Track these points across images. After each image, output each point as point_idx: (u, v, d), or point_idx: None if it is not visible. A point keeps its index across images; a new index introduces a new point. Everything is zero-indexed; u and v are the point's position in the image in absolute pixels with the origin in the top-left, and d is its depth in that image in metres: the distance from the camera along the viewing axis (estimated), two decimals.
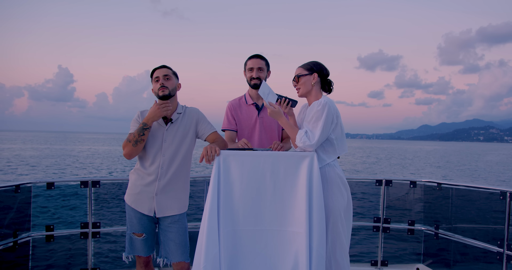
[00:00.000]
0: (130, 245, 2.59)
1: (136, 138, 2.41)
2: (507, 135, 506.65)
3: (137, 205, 2.53)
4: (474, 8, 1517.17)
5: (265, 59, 2.96)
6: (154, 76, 2.56)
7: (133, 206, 2.53)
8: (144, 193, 2.51)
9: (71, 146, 72.31)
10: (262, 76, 2.94)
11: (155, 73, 2.56)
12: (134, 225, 2.55)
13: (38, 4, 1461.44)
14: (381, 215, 3.74)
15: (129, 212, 2.56)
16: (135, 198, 2.53)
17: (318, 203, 2.23)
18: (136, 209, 2.53)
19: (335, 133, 2.40)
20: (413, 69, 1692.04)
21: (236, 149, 2.42)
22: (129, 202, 2.55)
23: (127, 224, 2.59)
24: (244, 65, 3.01)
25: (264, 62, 2.95)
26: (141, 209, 2.52)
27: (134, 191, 2.54)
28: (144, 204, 2.52)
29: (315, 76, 2.47)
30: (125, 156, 2.45)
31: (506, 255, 2.97)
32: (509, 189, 3.00)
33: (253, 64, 2.93)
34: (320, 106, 2.33)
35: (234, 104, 3.03)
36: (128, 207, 2.56)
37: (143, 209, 2.52)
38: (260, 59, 2.95)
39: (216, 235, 2.20)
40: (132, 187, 2.55)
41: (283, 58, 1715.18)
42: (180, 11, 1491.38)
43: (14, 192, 3.07)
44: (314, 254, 2.21)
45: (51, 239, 3.28)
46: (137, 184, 2.53)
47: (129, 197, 2.56)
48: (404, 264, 3.76)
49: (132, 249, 2.59)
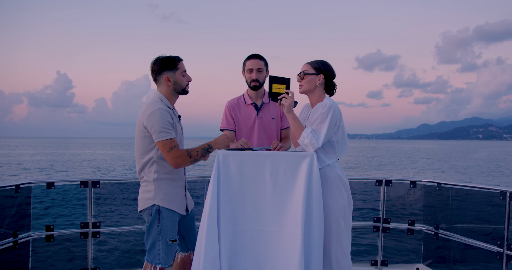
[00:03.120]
0: (168, 255, 2.38)
1: (197, 157, 2.34)
2: (506, 133, 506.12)
3: (180, 208, 2.44)
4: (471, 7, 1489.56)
5: (264, 59, 2.95)
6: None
7: (175, 209, 2.40)
8: (180, 193, 2.46)
9: (73, 151, 72.43)
10: (262, 78, 2.93)
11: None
12: (173, 231, 2.40)
13: (36, 11, 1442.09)
14: (381, 215, 3.74)
15: (168, 218, 2.37)
16: (178, 202, 2.43)
17: (318, 203, 2.23)
18: (180, 212, 2.44)
19: (337, 136, 2.40)
20: (411, 69, 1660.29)
21: (236, 149, 2.42)
22: (171, 206, 2.39)
23: (160, 234, 2.36)
24: (242, 65, 3.00)
25: (263, 63, 2.94)
26: (181, 210, 2.45)
27: (172, 194, 2.41)
28: (182, 204, 2.47)
29: (321, 77, 2.44)
30: (172, 164, 2.30)
31: (506, 255, 2.97)
32: (509, 189, 3.00)
33: (252, 65, 2.91)
34: (326, 108, 2.32)
35: (232, 104, 3.03)
36: (168, 213, 2.37)
37: (181, 209, 2.46)
38: (259, 59, 2.93)
39: (216, 235, 2.20)
40: (168, 192, 2.39)
41: (281, 60, 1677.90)
42: (178, 16, 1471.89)
43: (14, 192, 3.07)
44: (313, 255, 2.21)
45: (51, 239, 3.28)
46: (171, 187, 2.41)
47: (169, 202, 2.39)
48: (404, 264, 3.76)
49: (170, 258, 2.40)
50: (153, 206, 2.36)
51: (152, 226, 2.37)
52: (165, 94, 2.43)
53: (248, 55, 2.97)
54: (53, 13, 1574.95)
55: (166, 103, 2.40)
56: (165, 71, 2.38)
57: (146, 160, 2.39)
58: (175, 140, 2.31)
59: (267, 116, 2.98)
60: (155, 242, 2.35)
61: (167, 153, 2.28)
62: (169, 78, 2.39)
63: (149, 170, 2.39)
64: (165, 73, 2.39)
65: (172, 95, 2.44)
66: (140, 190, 2.44)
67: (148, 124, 2.30)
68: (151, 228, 2.38)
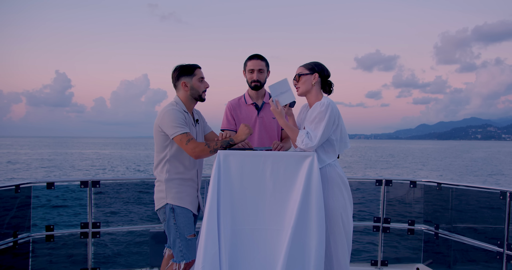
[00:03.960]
0: (190, 250, 2.46)
1: (216, 147, 2.39)
2: (505, 133, 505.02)
3: (193, 206, 2.54)
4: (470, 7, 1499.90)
5: (265, 59, 2.94)
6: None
7: (188, 207, 2.49)
8: (191, 193, 2.54)
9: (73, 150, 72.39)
10: (263, 78, 2.94)
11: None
12: (189, 227, 2.49)
13: (36, 11, 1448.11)
14: (381, 215, 3.74)
15: (183, 215, 2.47)
16: (189, 200, 2.52)
17: (318, 203, 2.23)
18: (192, 210, 2.53)
19: (336, 135, 2.41)
20: (410, 69, 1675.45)
21: (237, 149, 2.42)
22: (183, 204, 2.48)
23: (178, 231, 2.45)
24: (244, 65, 3.00)
25: (264, 63, 2.94)
26: (193, 208, 2.55)
27: (183, 193, 2.50)
28: (194, 203, 2.56)
29: (315, 76, 2.47)
30: (191, 155, 2.38)
31: (506, 255, 2.97)
32: (509, 189, 3.00)
33: (253, 65, 2.92)
34: (324, 107, 2.34)
35: (233, 104, 3.03)
36: (181, 210, 2.47)
37: (194, 208, 2.56)
38: (260, 60, 2.93)
39: (216, 234, 2.20)
40: (179, 191, 2.49)
41: (281, 60, 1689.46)
42: (177, 15, 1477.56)
43: (14, 192, 3.07)
44: (313, 254, 2.21)
45: (51, 239, 3.28)
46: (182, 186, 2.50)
47: (181, 200, 2.48)
48: (404, 264, 3.76)
49: (192, 252, 2.46)
50: (167, 205, 2.47)
51: (169, 225, 2.48)
52: (182, 99, 2.55)
53: (249, 55, 2.98)
54: (52, 13, 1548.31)
55: (182, 106, 2.52)
56: (182, 76, 2.52)
57: (161, 158, 2.50)
58: (190, 134, 2.40)
59: (268, 116, 2.99)
60: (175, 240, 2.45)
61: (185, 145, 2.37)
62: (186, 84, 2.51)
63: (162, 170, 2.50)
64: (182, 78, 2.52)
65: (189, 100, 2.55)
66: (155, 190, 2.56)
67: (162, 123, 2.41)
68: (169, 227, 2.48)
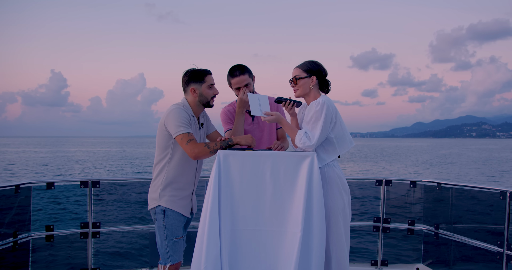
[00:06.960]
0: (176, 251, 2.47)
1: (215, 148, 2.38)
2: (499, 131, 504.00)
3: (185, 210, 2.53)
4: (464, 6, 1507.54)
5: (246, 70, 2.77)
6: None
7: (180, 211, 2.49)
8: (186, 197, 2.54)
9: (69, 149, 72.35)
10: (251, 89, 2.81)
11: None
12: (178, 229, 2.49)
13: (31, 11, 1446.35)
14: (381, 215, 3.74)
15: (173, 217, 2.47)
16: (183, 204, 2.51)
17: (318, 203, 2.23)
18: (184, 214, 2.52)
19: (335, 132, 2.39)
20: (405, 67, 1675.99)
21: (236, 149, 2.42)
22: (175, 207, 2.47)
23: (166, 232, 2.46)
24: (227, 81, 2.84)
25: (247, 74, 2.77)
26: (186, 212, 2.53)
27: (177, 197, 2.49)
28: (187, 206, 2.55)
29: (313, 78, 2.45)
30: (190, 155, 2.37)
31: (506, 255, 2.97)
32: (509, 189, 3.00)
33: (238, 83, 2.76)
34: (319, 106, 2.33)
35: (229, 110, 2.99)
36: (172, 214, 2.47)
37: (187, 212, 2.55)
38: (242, 74, 2.75)
39: (217, 235, 2.20)
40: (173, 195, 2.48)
41: (277, 59, 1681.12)
42: (175, 15, 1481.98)
43: (14, 192, 3.06)
44: (314, 255, 2.21)
45: (51, 239, 3.28)
46: (177, 190, 2.49)
47: (173, 204, 2.47)
48: (404, 264, 3.76)
49: (178, 254, 2.48)
50: (158, 207, 2.48)
51: (158, 226, 2.48)
52: (190, 103, 2.55)
53: (229, 71, 2.79)
54: (48, 12, 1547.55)
55: (188, 109, 2.51)
56: (192, 82, 2.51)
57: (161, 158, 2.50)
58: (191, 134, 2.40)
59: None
60: (162, 241, 2.47)
61: (185, 145, 2.37)
62: (195, 90, 2.51)
63: (160, 171, 2.50)
64: (192, 84, 2.51)
65: (197, 105, 2.55)
66: (149, 189, 2.55)
67: (167, 121, 2.42)
68: (158, 228, 2.48)
